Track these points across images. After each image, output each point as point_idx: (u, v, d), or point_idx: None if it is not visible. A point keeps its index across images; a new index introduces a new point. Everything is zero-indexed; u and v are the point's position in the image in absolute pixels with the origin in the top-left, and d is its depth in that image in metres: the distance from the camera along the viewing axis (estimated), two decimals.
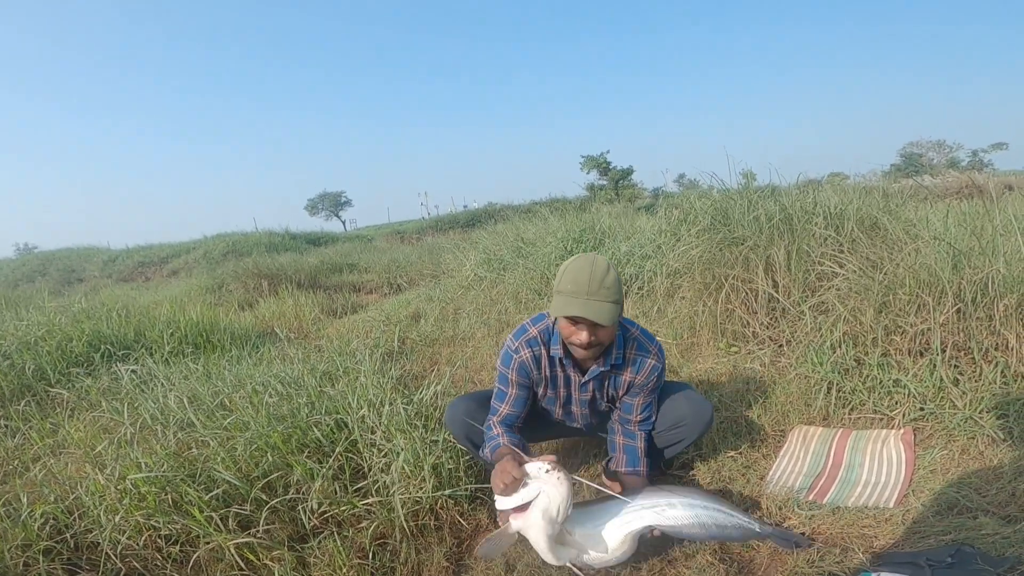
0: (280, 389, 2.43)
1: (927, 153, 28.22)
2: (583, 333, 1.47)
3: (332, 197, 39.80)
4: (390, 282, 7.85)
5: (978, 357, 1.99)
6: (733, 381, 2.34)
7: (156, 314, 4.00)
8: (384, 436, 1.94)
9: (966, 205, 5.14)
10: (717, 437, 2.08)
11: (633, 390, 1.69)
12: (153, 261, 14.65)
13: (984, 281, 1.96)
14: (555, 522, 1.35)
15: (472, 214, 20.22)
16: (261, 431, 1.96)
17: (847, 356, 2.18)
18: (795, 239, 2.78)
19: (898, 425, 2.00)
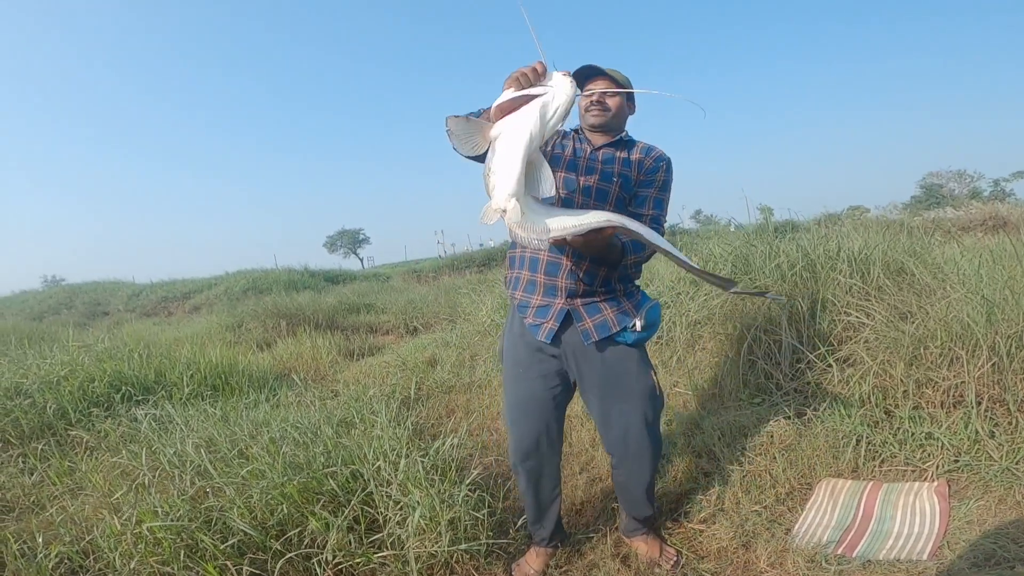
0: (297, 437, 2.43)
1: (947, 184, 27.86)
2: (595, 94, 1.63)
3: (350, 234, 40.67)
4: (406, 324, 7.89)
5: (1013, 409, 1.92)
6: (757, 434, 2.27)
7: (177, 355, 4.06)
8: (400, 489, 1.91)
9: (993, 242, 5.05)
10: (741, 491, 2.01)
11: (643, 177, 1.67)
12: (176, 296, 14.88)
13: (1019, 335, 1.91)
14: (546, 124, 1.25)
15: (488, 252, 20.37)
16: (278, 481, 1.96)
17: (876, 409, 2.12)
18: (819, 287, 2.76)
19: (931, 477, 1.93)
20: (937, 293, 2.55)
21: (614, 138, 1.69)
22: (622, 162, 1.67)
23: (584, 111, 1.68)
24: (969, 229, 11.69)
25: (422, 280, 16.71)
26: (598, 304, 1.62)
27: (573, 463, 2.46)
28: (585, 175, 1.65)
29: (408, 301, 8.87)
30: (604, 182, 1.64)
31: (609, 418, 1.67)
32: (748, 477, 2.06)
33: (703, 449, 2.30)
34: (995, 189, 26.39)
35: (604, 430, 1.72)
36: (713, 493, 2.03)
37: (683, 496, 2.10)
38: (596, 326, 1.60)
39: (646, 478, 1.73)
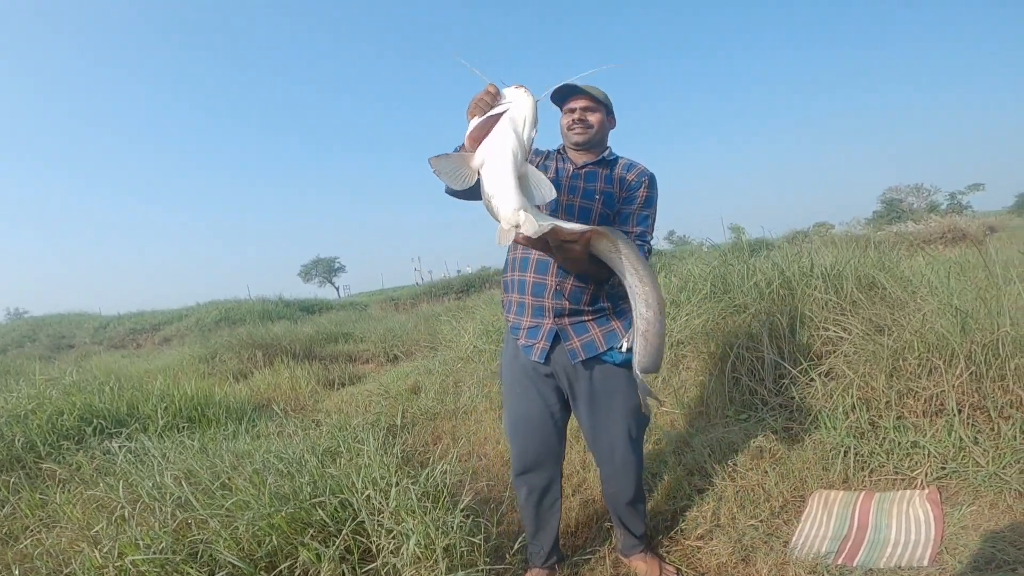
0: (281, 468, 2.35)
1: (907, 198, 28.82)
2: (576, 112, 1.65)
3: (326, 263, 40.18)
4: (386, 352, 7.77)
5: (994, 415, 1.98)
6: (747, 449, 2.29)
7: (150, 387, 3.91)
8: (393, 517, 1.86)
9: (958, 253, 5.26)
10: (736, 506, 2.01)
11: (625, 194, 1.68)
12: (145, 328, 14.44)
13: (994, 343, 1.99)
14: (521, 137, 1.26)
15: (466, 279, 20.35)
16: (264, 511, 1.89)
17: (861, 420, 2.16)
18: (796, 303, 2.84)
19: (921, 485, 1.96)
20: (909, 305, 2.66)
21: (597, 156, 1.71)
22: (604, 179, 1.68)
23: (567, 129, 1.70)
24: (930, 242, 12.23)
25: (400, 308, 16.56)
26: (586, 324, 1.64)
27: (565, 485, 2.41)
28: (568, 195, 1.66)
29: (387, 329, 8.76)
30: (586, 200, 1.66)
31: (597, 433, 1.72)
32: (742, 492, 2.07)
33: (694, 466, 2.30)
34: (952, 202, 27.58)
35: (593, 444, 1.77)
36: (708, 509, 2.02)
37: (678, 513, 2.09)
38: (583, 345, 1.62)
39: (632, 491, 1.78)
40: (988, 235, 13.65)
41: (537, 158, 1.75)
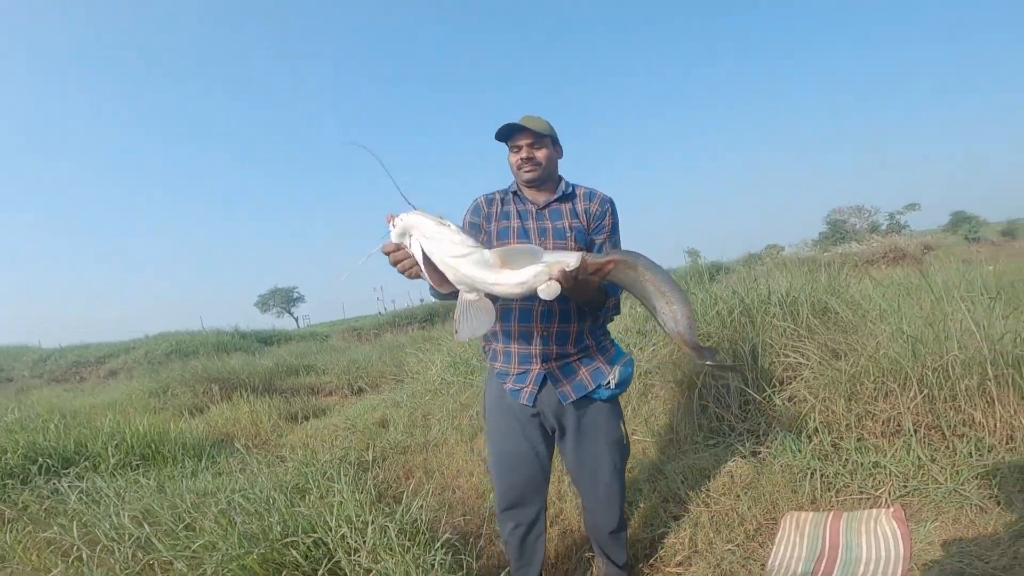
0: (247, 507, 2.25)
1: (849, 219, 30.34)
2: (522, 150, 1.65)
3: (283, 293, 39.01)
4: (350, 384, 7.57)
5: (948, 434, 2.12)
6: (718, 474, 2.35)
7: (98, 424, 3.67)
8: (370, 557, 1.81)
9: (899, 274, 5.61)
10: (712, 531, 2.06)
11: (594, 225, 1.69)
12: (89, 361, 13.52)
13: (944, 366, 2.14)
14: (450, 244, 1.23)
15: (430, 308, 20.13)
16: (234, 553, 1.80)
17: (825, 443, 2.26)
18: (757, 331, 2.97)
19: (885, 503, 2.05)
20: (861, 329, 2.84)
21: (554, 191, 1.71)
22: (570, 214, 1.69)
23: (516, 169, 1.69)
24: (873, 262, 13.05)
25: (363, 338, 16.20)
26: (573, 364, 1.68)
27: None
28: (538, 238, 1.66)
29: (351, 361, 8.55)
30: (559, 240, 1.66)
31: (582, 465, 1.75)
32: (716, 517, 2.11)
33: (668, 493, 2.34)
34: (891, 222, 29.30)
35: (577, 476, 1.80)
36: (685, 535, 2.06)
37: (656, 541, 2.11)
38: (573, 387, 1.66)
39: (615, 521, 1.80)
40: (925, 253, 14.70)
41: (491, 208, 1.73)
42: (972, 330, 2.16)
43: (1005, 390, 2.08)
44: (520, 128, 1.64)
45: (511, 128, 1.65)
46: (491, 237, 1.71)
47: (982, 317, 2.23)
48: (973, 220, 24.69)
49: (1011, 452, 2.03)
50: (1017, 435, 2.06)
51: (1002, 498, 1.86)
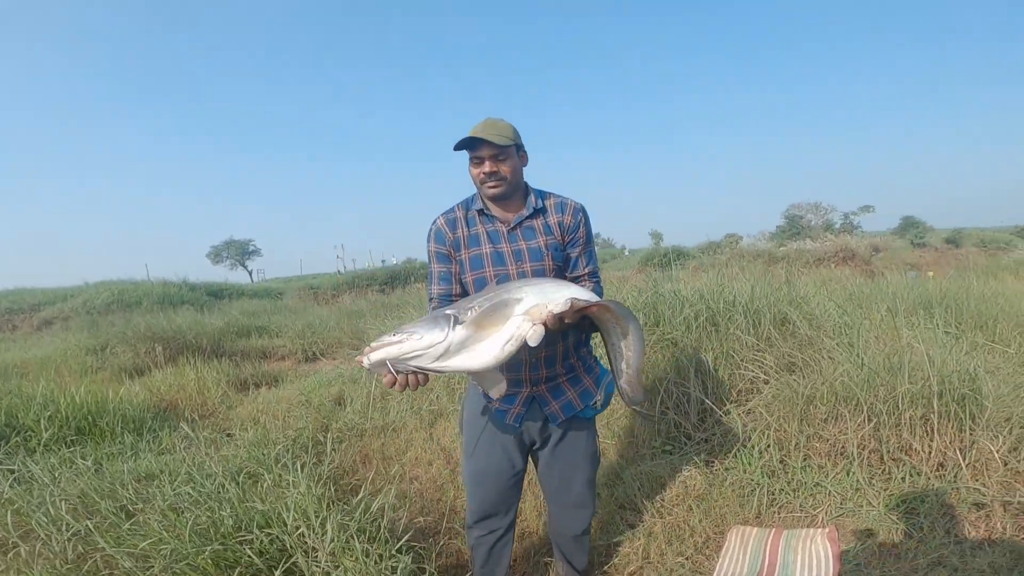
0: (195, 495, 2.16)
1: (806, 215, 31.71)
2: (485, 163, 1.52)
3: (239, 245, 37.40)
4: (304, 350, 7.39)
5: (887, 458, 2.26)
6: (673, 484, 2.43)
7: (31, 392, 3.41)
8: (330, 560, 1.77)
9: (849, 274, 5.85)
10: (664, 542, 2.13)
11: (568, 238, 1.62)
12: (22, 308, 12.58)
13: (895, 398, 2.26)
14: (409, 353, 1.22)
15: (390, 271, 19.81)
16: (185, 551, 1.73)
17: (774, 460, 2.37)
18: (720, 339, 3.05)
19: (821, 523, 2.18)
20: (816, 344, 2.97)
21: (523, 204, 1.61)
22: (543, 230, 1.60)
23: (480, 185, 1.57)
24: (824, 260, 13.71)
25: (320, 298, 15.80)
26: (561, 386, 1.66)
27: None
28: (515, 262, 1.58)
29: (306, 324, 8.31)
30: (536, 262, 1.59)
31: (555, 474, 1.76)
32: (669, 528, 2.19)
33: (626, 500, 2.41)
34: (845, 221, 30.76)
35: (547, 481, 1.80)
36: (639, 545, 2.13)
37: (612, 548, 2.18)
38: (562, 407, 1.65)
39: (583, 526, 1.84)
40: (873, 255, 15.53)
41: (456, 231, 1.61)
42: (926, 364, 2.28)
43: (945, 422, 2.22)
44: (479, 142, 1.51)
45: (471, 143, 1.53)
46: (463, 267, 1.62)
47: (937, 354, 2.36)
48: (920, 226, 26.14)
49: (939, 479, 2.19)
50: (948, 463, 2.21)
51: (926, 525, 2.00)
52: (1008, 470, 2.11)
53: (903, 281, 5.25)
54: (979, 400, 2.23)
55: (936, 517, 2.03)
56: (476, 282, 1.60)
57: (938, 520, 2.02)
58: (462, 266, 1.62)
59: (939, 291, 4.29)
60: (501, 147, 1.52)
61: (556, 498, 1.81)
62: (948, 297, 4.03)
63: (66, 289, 14.09)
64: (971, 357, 2.47)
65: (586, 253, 1.67)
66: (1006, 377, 2.41)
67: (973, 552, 1.82)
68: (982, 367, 2.39)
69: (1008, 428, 2.19)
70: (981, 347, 2.83)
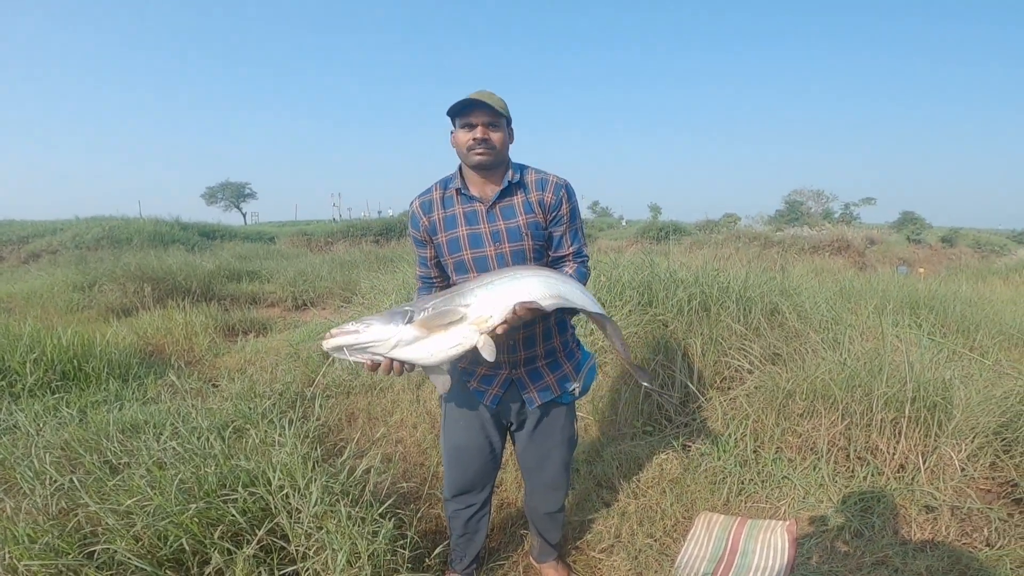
0: (180, 450, 2.20)
1: (807, 202, 31.52)
2: (477, 128, 1.49)
3: (235, 187, 36.79)
4: (295, 297, 7.37)
5: (852, 456, 2.34)
6: (650, 466, 2.51)
7: (17, 332, 3.39)
8: (313, 522, 1.83)
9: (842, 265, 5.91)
10: (636, 523, 2.22)
11: (550, 216, 1.59)
12: (10, 240, 12.36)
13: (870, 400, 2.32)
14: (362, 342, 1.31)
15: (386, 222, 19.61)
16: (169, 509, 1.78)
17: (748, 450, 2.45)
18: (711, 325, 3.09)
19: (784, 515, 2.28)
20: (802, 336, 3.02)
21: (502, 181, 1.56)
22: (523, 208, 1.56)
23: (466, 151, 1.51)
24: (819, 249, 13.81)
25: (313, 246, 15.66)
26: (540, 370, 1.67)
27: None
28: (492, 244, 1.55)
29: (298, 272, 8.28)
30: (515, 243, 1.55)
31: (532, 456, 1.80)
32: (642, 510, 2.28)
33: (603, 478, 2.49)
34: (844, 212, 30.69)
35: (524, 463, 1.85)
36: (612, 524, 2.21)
37: (586, 525, 2.26)
38: (539, 392, 1.67)
39: (557, 505, 1.91)
40: (868, 247, 15.64)
41: (432, 214, 1.58)
42: (905, 368, 2.33)
43: (913, 427, 2.29)
44: (478, 104, 1.47)
45: (466, 105, 1.48)
46: (441, 249, 1.59)
47: (916, 359, 2.40)
48: (918, 222, 26.09)
49: (898, 480, 2.27)
50: (908, 466, 2.30)
51: (877, 525, 2.09)
52: (964, 476, 2.20)
53: (893, 277, 5.32)
54: (949, 408, 2.29)
55: (888, 517, 2.12)
56: (456, 265, 1.59)
57: (889, 520, 2.11)
58: (439, 249, 1.60)
59: (927, 292, 4.36)
60: (497, 114, 1.49)
61: (532, 477, 1.87)
62: (935, 299, 4.09)
63: (56, 222, 13.87)
64: (948, 367, 2.53)
65: (570, 232, 1.63)
66: (978, 386, 2.47)
67: (915, 554, 1.91)
68: (957, 376, 2.45)
69: (972, 436, 2.27)
70: (959, 355, 2.89)
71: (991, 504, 2.11)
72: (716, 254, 4.56)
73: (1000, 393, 2.41)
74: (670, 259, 5.02)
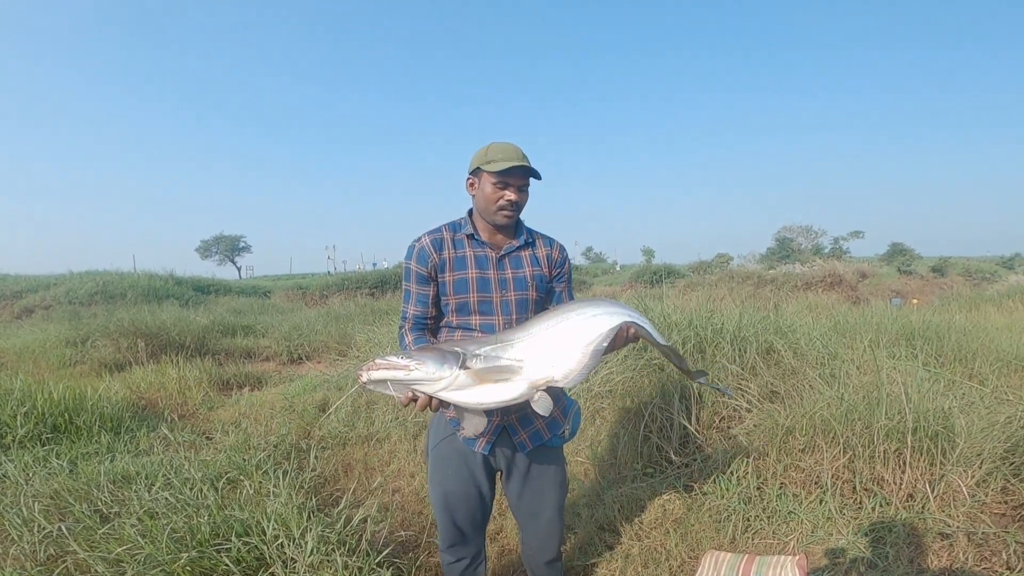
0: (172, 501, 2.15)
1: (797, 238, 31.98)
2: (512, 192, 1.54)
3: (229, 241, 37.13)
4: (290, 351, 7.33)
5: (859, 488, 2.30)
6: (652, 507, 2.46)
7: (8, 387, 3.36)
8: (309, 572, 1.77)
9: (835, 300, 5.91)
10: (640, 565, 2.16)
11: (555, 272, 1.71)
12: (3, 295, 12.37)
13: (871, 432, 2.31)
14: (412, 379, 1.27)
15: (381, 275, 19.77)
16: (161, 558, 1.72)
17: (751, 487, 2.41)
18: (707, 368, 3.10)
19: (792, 550, 2.21)
20: (799, 373, 3.03)
21: (516, 237, 1.64)
22: (530, 261, 1.65)
23: (495, 208, 1.56)
24: (812, 285, 13.90)
25: (308, 299, 15.71)
26: (530, 416, 1.67)
27: None
28: (499, 291, 1.60)
29: (293, 326, 8.26)
30: (520, 291, 1.61)
31: (525, 503, 1.77)
32: (646, 552, 2.22)
33: (605, 522, 2.43)
34: (834, 246, 31.14)
35: (517, 508, 1.81)
36: (616, 567, 2.15)
37: (589, 569, 2.20)
38: (530, 436, 1.67)
39: (554, 552, 1.85)
40: (860, 280, 15.79)
41: (442, 253, 1.60)
42: (903, 399, 2.34)
43: (917, 456, 2.28)
44: (523, 170, 1.53)
45: (514, 169, 1.52)
46: (445, 288, 1.62)
47: (914, 390, 2.42)
48: (908, 253, 26.57)
49: (908, 510, 2.23)
50: (917, 495, 2.27)
51: (891, 554, 2.04)
52: (975, 502, 2.17)
53: (887, 310, 5.38)
54: (951, 437, 2.29)
55: (901, 547, 2.08)
56: (458, 306, 1.61)
57: (903, 549, 2.06)
58: (443, 287, 1.62)
59: (922, 323, 4.40)
60: (528, 178, 1.57)
61: (528, 526, 1.82)
62: (930, 330, 4.13)
63: (49, 277, 13.91)
64: (946, 396, 2.54)
65: (568, 288, 1.79)
66: (980, 413, 2.47)
67: None
68: (957, 405, 2.45)
69: (979, 463, 2.25)
70: (958, 384, 2.90)
71: (1007, 528, 2.07)
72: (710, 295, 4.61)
73: (1003, 419, 2.41)
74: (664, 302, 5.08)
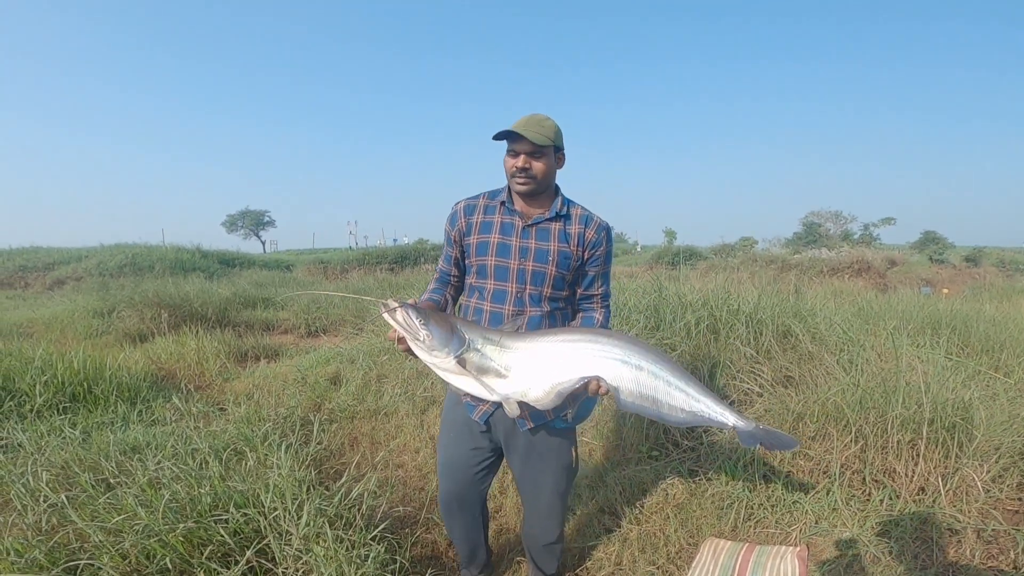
0: (177, 471, 2.20)
1: (825, 223, 30.74)
2: (519, 158, 1.54)
3: (254, 215, 37.82)
4: (308, 325, 7.44)
5: (868, 480, 2.22)
6: (654, 491, 2.42)
7: (30, 355, 3.47)
8: (302, 543, 1.79)
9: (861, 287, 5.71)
10: (637, 550, 2.13)
11: (588, 254, 1.62)
12: (36, 267, 12.89)
13: (884, 421, 2.22)
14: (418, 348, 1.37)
15: (401, 250, 19.92)
16: (157, 528, 1.76)
17: (756, 474, 2.34)
18: (719, 348, 3.02)
19: (795, 541, 2.16)
20: (816, 358, 2.92)
21: (548, 208, 1.61)
22: (559, 236, 1.59)
23: (510, 177, 1.58)
24: (838, 271, 13.44)
25: (329, 273, 15.87)
26: None
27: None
28: (518, 258, 1.59)
29: (311, 299, 8.36)
30: (539, 263, 1.58)
31: (526, 480, 1.76)
32: (644, 536, 2.19)
33: (606, 504, 2.40)
34: (864, 233, 30.02)
35: (521, 488, 1.82)
36: (613, 551, 2.13)
37: (587, 552, 2.18)
38: (531, 414, 1.62)
39: (553, 536, 1.85)
40: (889, 268, 15.20)
41: (471, 217, 1.65)
42: (921, 389, 2.23)
43: (932, 448, 2.18)
44: (516, 136, 1.52)
45: (509, 136, 1.54)
46: (468, 250, 1.65)
47: (934, 379, 2.30)
48: (941, 242, 25.50)
49: (917, 503, 2.15)
50: (929, 488, 2.18)
51: (896, 549, 1.97)
52: (989, 498, 2.08)
53: (914, 298, 5.15)
54: (969, 429, 2.18)
55: (908, 541, 2.00)
56: (478, 268, 1.65)
57: (908, 544, 1.99)
58: (467, 249, 1.66)
59: (949, 311, 4.21)
60: (539, 146, 1.53)
61: (528, 504, 1.83)
62: (957, 319, 3.94)
63: (81, 249, 14.38)
64: (967, 386, 2.41)
65: (603, 275, 1.68)
66: (1002, 406, 2.35)
67: None
68: (978, 396, 2.33)
69: (996, 457, 2.15)
70: (982, 375, 2.76)
71: (1018, 526, 1.98)
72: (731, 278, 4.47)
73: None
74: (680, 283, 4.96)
